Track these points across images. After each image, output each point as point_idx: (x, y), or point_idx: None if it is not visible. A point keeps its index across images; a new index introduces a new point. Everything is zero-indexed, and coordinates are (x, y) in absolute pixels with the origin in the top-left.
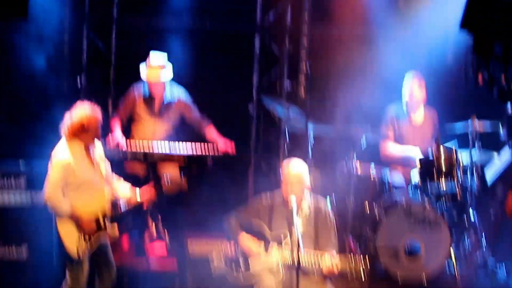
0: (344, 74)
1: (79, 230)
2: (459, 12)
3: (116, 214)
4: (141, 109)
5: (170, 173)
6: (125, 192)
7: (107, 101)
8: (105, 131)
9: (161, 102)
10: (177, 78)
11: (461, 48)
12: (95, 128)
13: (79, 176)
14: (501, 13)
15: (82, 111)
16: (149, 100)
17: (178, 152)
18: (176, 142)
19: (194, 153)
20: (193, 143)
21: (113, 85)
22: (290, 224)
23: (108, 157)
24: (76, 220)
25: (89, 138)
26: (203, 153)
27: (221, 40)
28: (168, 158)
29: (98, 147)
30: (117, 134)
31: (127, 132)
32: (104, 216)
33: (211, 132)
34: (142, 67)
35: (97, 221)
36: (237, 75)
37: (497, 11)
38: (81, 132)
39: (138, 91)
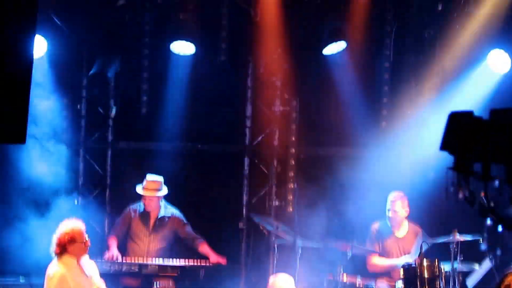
0: (331, 192)
1: None
2: (439, 132)
3: None
4: (136, 225)
5: (162, 283)
6: None
7: (103, 221)
8: (101, 249)
9: (155, 218)
10: (171, 198)
11: (442, 166)
12: (81, 237)
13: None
14: (480, 135)
15: (65, 225)
16: (144, 215)
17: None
18: (170, 259)
19: (187, 263)
20: (186, 260)
21: (109, 205)
22: None
23: (104, 273)
24: None
25: (77, 249)
26: (196, 264)
27: (212, 161)
28: (162, 270)
29: (92, 265)
30: (114, 252)
31: (123, 250)
32: None
33: (204, 248)
34: (139, 187)
35: None
36: (228, 193)
37: (476, 133)
38: (69, 244)
39: (133, 209)
